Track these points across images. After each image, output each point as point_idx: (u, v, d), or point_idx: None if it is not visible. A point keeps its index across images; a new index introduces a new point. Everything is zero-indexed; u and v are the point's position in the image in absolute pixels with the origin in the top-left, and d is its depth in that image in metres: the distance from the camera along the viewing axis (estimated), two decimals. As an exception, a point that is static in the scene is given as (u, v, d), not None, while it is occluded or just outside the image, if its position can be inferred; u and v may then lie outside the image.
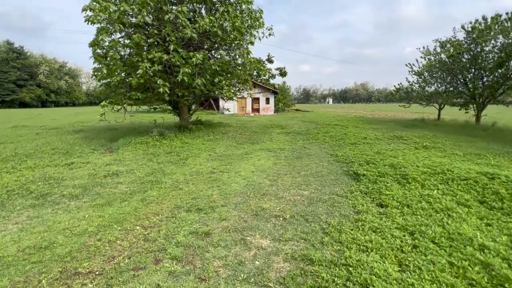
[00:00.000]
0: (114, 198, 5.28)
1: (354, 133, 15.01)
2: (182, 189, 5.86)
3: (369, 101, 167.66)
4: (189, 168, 7.60)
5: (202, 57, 11.00)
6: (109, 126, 20.05)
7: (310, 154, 9.79)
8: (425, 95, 22.68)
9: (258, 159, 8.90)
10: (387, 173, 6.54)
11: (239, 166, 7.90)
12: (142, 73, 9.89)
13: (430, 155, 9.11)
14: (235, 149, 10.79)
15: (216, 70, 11.97)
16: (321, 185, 6.12)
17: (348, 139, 12.86)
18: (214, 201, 5.18)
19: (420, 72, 22.65)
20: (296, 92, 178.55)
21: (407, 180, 6.04)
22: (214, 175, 6.95)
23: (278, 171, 7.43)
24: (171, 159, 8.57)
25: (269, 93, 37.01)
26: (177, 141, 11.41)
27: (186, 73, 10.56)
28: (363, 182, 6.12)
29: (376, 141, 12.42)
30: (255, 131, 16.41)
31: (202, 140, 12.17)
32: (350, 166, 7.68)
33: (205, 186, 6.03)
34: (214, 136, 13.68)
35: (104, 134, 15.15)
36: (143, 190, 5.78)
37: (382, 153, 9.25)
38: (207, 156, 9.28)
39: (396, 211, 4.46)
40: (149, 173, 7.09)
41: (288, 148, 11.08)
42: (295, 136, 14.24)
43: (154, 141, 10.90)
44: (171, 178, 6.60)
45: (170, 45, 10.04)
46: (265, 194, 5.54)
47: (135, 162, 8.25)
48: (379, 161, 7.86)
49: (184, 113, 15.01)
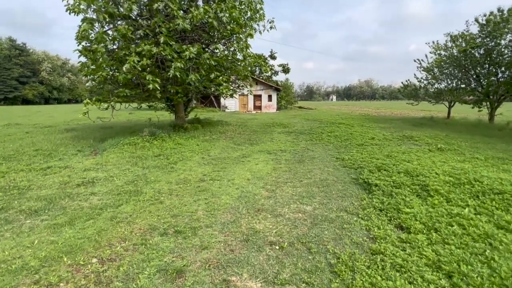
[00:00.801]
0: (79, 215, 4.42)
1: (360, 132, 14.06)
2: (163, 202, 4.98)
3: (373, 99, 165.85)
4: (177, 175, 6.72)
5: (196, 50, 10.10)
6: (103, 124, 19.25)
7: (313, 157, 8.88)
8: (435, 92, 21.60)
9: (255, 163, 8.01)
10: (403, 183, 5.62)
11: (233, 172, 7.01)
12: (130, 67, 9.02)
13: (448, 159, 8.16)
14: (232, 151, 9.90)
15: (212, 65, 11.08)
16: (326, 198, 5.22)
17: (355, 140, 11.93)
18: (198, 219, 4.30)
19: (429, 68, 21.56)
20: (300, 89, 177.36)
21: (428, 193, 5.12)
22: (204, 183, 6.07)
23: (277, 178, 6.54)
24: (159, 163, 7.70)
25: (272, 90, 36.02)
26: (169, 142, 10.54)
27: (178, 68, 9.66)
28: (376, 194, 5.20)
29: (385, 142, 11.47)
30: (255, 130, 15.50)
31: (197, 140, 11.29)
32: (359, 173, 6.76)
33: (190, 199, 5.15)
34: (211, 136, 12.80)
35: (96, 133, 14.34)
36: (117, 203, 4.92)
37: (394, 157, 8.31)
38: (200, 159, 8.40)
39: (422, 238, 3.54)
40: (130, 181, 6.22)
41: (290, 149, 10.18)
42: (297, 136, 13.32)
43: (144, 142, 10.04)
44: (153, 188, 5.73)
45: (160, 37, 9.14)
46: (260, 210, 4.66)
47: (118, 167, 7.39)
48: (392, 167, 6.93)
49: (180, 111, 14.13)
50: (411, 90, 23.06)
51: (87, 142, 11.30)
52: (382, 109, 44.08)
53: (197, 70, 10.85)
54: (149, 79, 9.25)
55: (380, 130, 15.34)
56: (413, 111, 35.20)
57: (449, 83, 21.17)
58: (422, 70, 22.23)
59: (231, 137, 12.94)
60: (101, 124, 19.99)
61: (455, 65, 19.29)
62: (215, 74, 11.07)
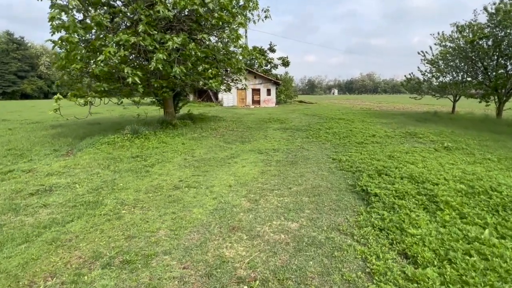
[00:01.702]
0: (14, 237, 3.65)
1: (360, 129, 13.22)
2: (122, 217, 4.21)
3: (375, 92, 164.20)
4: (150, 181, 5.93)
5: (181, 41, 9.24)
6: (91, 120, 18.47)
7: (307, 158, 8.07)
8: (439, 85, 20.65)
9: (242, 166, 7.21)
10: (407, 192, 4.81)
11: (215, 177, 6.22)
12: (106, 59, 8.19)
13: (456, 161, 7.34)
14: (220, 150, 9.10)
15: (200, 57, 10.23)
16: (317, 211, 4.42)
17: (354, 137, 11.09)
18: (158, 242, 3.52)
19: (434, 60, 20.56)
20: (301, 83, 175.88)
21: (437, 205, 4.32)
22: (177, 192, 5.28)
23: (263, 184, 5.74)
24: (134, 166, 6.91)
25: (270, 84, 35.05)
26: (153, 140, 9.75)
27: (161, 60, 8.82)
28: (376, 207, 4.40)
29: (386, 140, 10.64)
30: (249, 126, 14.68)
31: (183, 138, 10.48)
32: (357, 178, 5.95)
33: (156, 213, 4.36)
34: (201, 133, 11.99)
35: (81, 130, 13.58)
36: (67, 219, 4.14)
37: (396, 158, 7.50)
38: (181, 161, 7.60)
39: (433, 274, 2.74)
40: (94, 188, 5.44)
41: (283, 148, 9.37)
42: (293, 133, 12.50)
43: (124, 140, 9.25)
44: (117, 198, 4.94)
45: (138, 26, 8.29)
46: (236, 229, 3.87)
47: (87, 170, 6.61)
48: (394, 171, 6.13)
49: (168, 106, 13.30)
50: (414, 84, 22.08)
51: (67, 141, 10.54)
52: (384, 103, 43.07)
53: (183, 62, 10.01)
54: (128, 72, 8.42)
55: (382, 126, 14.50)
56: (416, 106, 34.21)
57: (454, 76, 20.20)
58: (426, 63, 21.23)
59: (222, 134, 12.13)
60: (90, 120, 19.20)
61: (461, 57, 18.31)
62: (204, 67, 10.22)
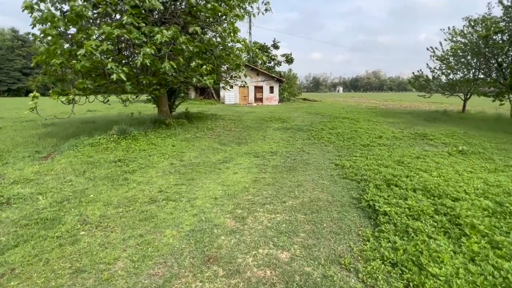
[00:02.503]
0: None
1: (366, 129, 12.39)
2: (78, 242, 3.49)
3: (381, 90, 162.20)
4: (125, 191, 5.21)
5: (171, 34, 8.50)
6: (86, 118, 17.88)
7: (307, 163, 7.30)
8: (449, 83, 19.66)
9: (234, 172, 6.46)
10: (423, 210, 4.03)
11: (201, 186, 5.49)
12: (88, 54, 7.48)
13: (475, 168, 6.52)
14: (213, 153, 8.37)
15: (193, 51, 9.48)
16: (313, 235, 3.67)
17: (359, 139, 10.29)
18: (110, 279, 2.80)
19: (444, 56, 19.58)
20: (306, 80, 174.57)
21: (460, 229, 3.54)
22: (153, 206, 4.55)
23: (254, 196, 5.00)
24: (112, 173, 6.20)
25: (273, 81, 34.19)
26: (141, 141, 9.04)
27: (148, 54, 8.09)
28: (386, 231, 3.63)
29: (395, 142, 9.82)
30: (248, 126, 13.93)
31: (175, 140, 9.76)
32: (362, 189, 5.18)
33: (120, 236, 3.64)
34: (195, 133, 11.26)
35: (71, 130, 12.95)
36: (11, 243, 3.44)
37: (407, 164, 6.70)
38: (167, 166, 6.87)
39: None
40: (59, 200, 4.73)
41: (282, 151, 8.61)
42: (294, 134, 11.72)
43: (109, 142, 8.56)
44: (80, 214, 4.23)
45: (123, 17, 7.55)
46: (212, 260, 3.13)
47: (59, 177, 5.92)
48: (405, 180, 5.34)
49: (163, 104, 12.58)
50: (422, 81, 21.09)
51: (52, 141, 9.88)
52: (390, 101, 41.97)
53: (175, 57, 9.27)
54: (112, 68, 7.70)
55: (389, 126, 13.65)
56: (424, 104, 33.14)
57: (465, 73, 19.20)
58: (435, 59, 20.26)
59: (218, 135, 11.39)
60: (87, 117, 18.62)
61: (473, 53, 17.32)
62: (197, 63, 9.47)
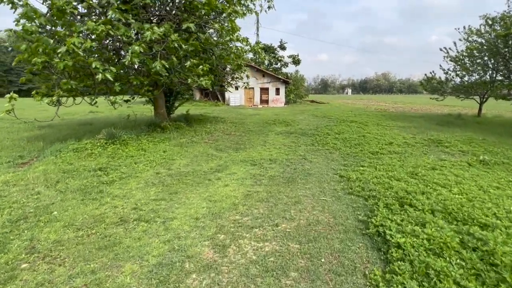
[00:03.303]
0: None
1: (375, 134, 11.54)
2: (12, 280, 2.80)
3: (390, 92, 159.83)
4: (95, 207, 4.53)
5: (163, 31, 7.86)
6: (84, 120, 17.42)
7: (309, 174, 6.53)
8: (464, 85, 18.61)
9: (225, 184, 5.74)
10: (446, 242, 3.23)
11: (183, 202, 4.77)
12: (70, 52, 6.87)
13: (501, 183, 5.66)
14: (206, 160, 7.66)
15: (188, 50, 8.83)
16: (307, 276, 2.90)
17: (368, 145, 9.47)
18: None
19: (458, 57, 18.55)
20: (314, 82, 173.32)
21: (497, 273, 2.74)
22: (120, 229, 3.84)
23: (243, 216, 4.26)
24: (88, 184, 5.54)
25: (280, 82, 33.43)
26: (131, 147, 8.40)
27: (137, 53, 7.45)
28: (400, 272, 2.84)
29: (407, 149, 8.97)
30: (250, 129, 13.21)
31: (168, 145, 9.09)
32: (370, 210, 4.39)
33: (67, 271, 2.94)
34: (192, 137, 10.58)
35: (64, 132, 12.43)
36: None
37: (421, 177, 5.88)
38: (151, 176, 6.18)
39: None
40: (16, 218, 4.06)
41: (282, 159, 7.85)
42: (297, 139, 10.94)
43: (95, 147, 7.93)
44: (32, 239, 3.55)
45: (108, 12, 6.93)
46: (173, 312, 2.42)
47: (27, 189, 5.27)
48: (422, 198, 4.54)
49: (159, 106, 11.95)
50: (435, 84, 20.06)
51: (38, 145, 9.32)
52: (400, 103, 40.75)
53: (168, 56, 8.62)
54: (97, 67, 7.07)
55: (400, 130, 12.77)
56: (435, 107, 31.92)
57: (482, 74, 18.13)
58: (449, 60, 19.24)
59: (216, 139, 10.70)
60: (83, 119, 18.15)
61: (491, 53, 16.27)
62: (192, 62, 8.80)
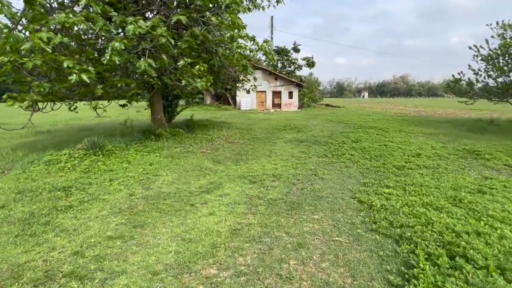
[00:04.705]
0: None
1: (399, 143, 10.03)
2: None
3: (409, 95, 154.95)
4: (26, 248, 3.35)
5: (151, 25, 6.76)
6: (88, 125, 16.66)
7: (319, 197, 5.18)
8: (499, 87, 16.70)
9: (210, 212, 4.48)
10: None
11: (146, 242, 3.54)
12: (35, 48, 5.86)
13: None
14: (197, 176, 6.44)
15: (181, 47, 7.71)
16: None
17: (391, 157, 8.01)
18: None
19: (491, 56, 16.66)
20: (329, 85, 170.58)
21: None
22: (38, 292, 2.67)
23: (220, 269, 2.97)
24: (37, 210, 4.40)
25: (293, 86, 32.07)
26: (113, 159, 7.30)
27: (118, 50, 6.36)
28: None
29: (439, 162, 7.45)
30: (256, 136, 11.95)
31: (158, 156, 7.94)
32: (406, 263, 3.02)
33: None
34: (189, 146, 9.41)
35: (58, 139, 11.61)
36: None
37: (468, 205, 4.44)
38: (122, 199, 4.99)
39: None
40: None
41: (288, 174, 6.54)
42: (308, 148, 9.58)
43: (72, 159, 6.88)
44: None
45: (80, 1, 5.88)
46: None
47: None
48: (480, 247, 3.13)
49: (156, 111, 10.88)
50: (465, 85, 18.16)
51: (18, 155, 8.43)
52: (421, 107, 38.43)
53: (158, 55, 7.52)
54: (69, 67, 6.02)
55: (426, 138, 11.17)
56: (461, 111, 29.62)
57: (519, 74, 16.16)
58: (480, 60, 17.36)
59: (216, 148, 9.49)
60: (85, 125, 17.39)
61: (531, 51, 14.39)
62: (185, 61, 7.64)
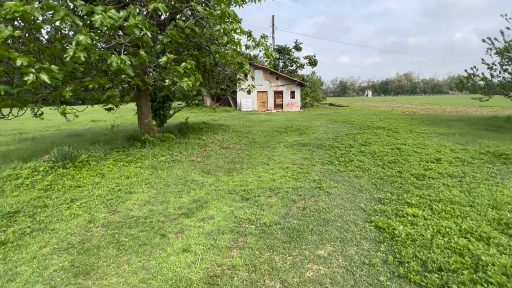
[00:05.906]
0: None
1: (413, 146, 8.94)
2: None
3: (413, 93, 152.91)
4: None
5: (124, 15, 5.77)
6: (80, 131, 15.74)
7: (326, 221, 4.14)
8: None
9: (185, 246, 3.46)
10: None
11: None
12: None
13: None
14: (179, 192, 5.43)
15: (164, 42, 6.72)
16: None
17: (407, 163, 6.92)
18: None
19: (507, 49, 15.48)
20: (333, 84, 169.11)
21: None
22: None
23: None
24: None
25: (295, 85, 30.99)
26: (85, 171, 6.32)
27: (86, 45, 5.38)
28: None
29: (464, 168, 6.34)
30: (254, 141, 10.92)
31: (139, 166, 6.94)
32: None
33: None
34: (178, 154, 8.41)
35: (41, 146, 10.70)
36: None
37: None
38: (76, 228, 3.99)
39: None
40: None
41: (287, 188, 5.50)
42: (311, 153, 8.53)
43: (35, 173, 5.91)
44: None
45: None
46: None
47: None
48: None
49: (143, 115, 9.88)
50: (479, 81, 16.96)
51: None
52: (428, 105, 37.09)
53: (135, 50, 6.53)
54: (23, 64, 5.05)
55: (441, 139, 10.06)
56: (471, 108, 28.30)
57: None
58: (494, 53, 16.18)
59: (208, 155, 8.48)
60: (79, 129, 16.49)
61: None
62: (167, 58, 6.64)
